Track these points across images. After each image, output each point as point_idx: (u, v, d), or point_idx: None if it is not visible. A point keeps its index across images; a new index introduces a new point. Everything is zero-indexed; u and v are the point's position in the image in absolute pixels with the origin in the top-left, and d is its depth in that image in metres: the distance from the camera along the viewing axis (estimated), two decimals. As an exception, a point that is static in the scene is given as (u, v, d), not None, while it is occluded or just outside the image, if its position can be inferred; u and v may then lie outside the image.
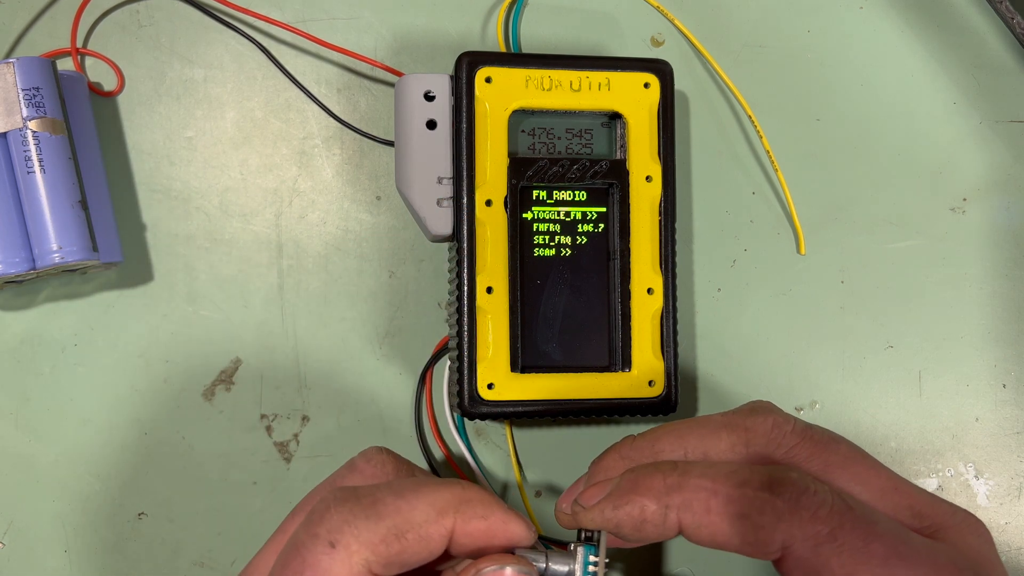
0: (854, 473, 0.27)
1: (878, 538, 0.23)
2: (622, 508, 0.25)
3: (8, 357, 0.34)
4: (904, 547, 0.24)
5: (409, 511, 0.24)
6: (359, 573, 0.23)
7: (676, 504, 0.25)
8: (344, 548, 0.23)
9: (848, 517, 0.24)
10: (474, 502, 0.24)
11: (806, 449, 0.27)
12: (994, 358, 0.38)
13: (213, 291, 0.34)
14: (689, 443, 0.27)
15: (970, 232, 0.38)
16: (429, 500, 0.24)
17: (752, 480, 0.24)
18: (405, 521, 0.23)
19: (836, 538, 0.23)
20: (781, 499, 0.24)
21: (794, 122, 0.38)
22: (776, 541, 0.24)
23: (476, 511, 0.24)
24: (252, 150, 0.35)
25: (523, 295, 0.33)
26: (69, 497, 0.34)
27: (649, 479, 0.25)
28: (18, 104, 0.31)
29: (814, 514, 0.24)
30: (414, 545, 0.23)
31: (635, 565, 0.36)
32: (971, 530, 0.26)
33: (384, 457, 0.29)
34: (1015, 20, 0.38)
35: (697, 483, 0.25)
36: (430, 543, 0.24)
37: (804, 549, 0.24)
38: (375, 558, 0.23)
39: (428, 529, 0.24)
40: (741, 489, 0.24)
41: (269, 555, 0.27)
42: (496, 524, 0.25)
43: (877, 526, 0.24)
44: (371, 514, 0.23)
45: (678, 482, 0.25)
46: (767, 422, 0.27)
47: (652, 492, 0.25)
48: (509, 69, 0.33)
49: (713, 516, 0.24)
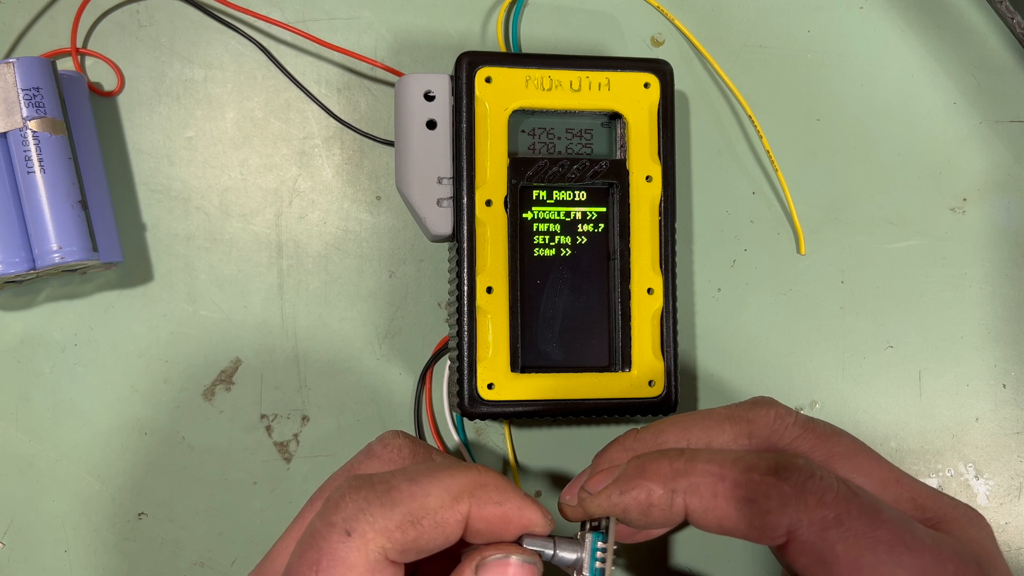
0: (856, 465, 0.27)
1: (884, 525, 0.23)
2: (629, 493, 0.25)
3: (8, 357, 0.34)
4: (909, 535, 0.24)
5: (424, 497, 0.24)
6: (375, 560, 0.23)
7: (683, 488, 0.25)
8: (360, 536, 0.23)
9: (854, 503, 0.24)
10: (489, 487, 0.24)
11: (808, 441, 0.27)
12: (994, 358, 0.38)
13: (213, 291, 0.34)
14: (693, 435, 0.28)
15: (970, 232, 0.38)
16: (444, 485, 0.24)
17: (759, 465, 0.24)
18: (420, 507, 0.23)
19: (842, 523, 0.23)
20: (788, 484, 0.24)
21: (794, 122, 0.38)
22: (782, 526, 0.24)
23: (491, 496, 0.24)
24: (252, 150, 0.35)
25: (523, 295, 0.33)
26: (69, 497, 0.34)
27: (656, 464, 0.25)
28: (18, 104, 0.31)
29: (820, 499, 0.24)
30: (430, 531, 0.23)
31: (639, 562, 0.36)
32: (973, 523, 0.26)
33: (401, 441, 0.29)
34: (1015, 20, 0.38)
35: (704, 468, 0.25)
36: (446, 528, 0.24)
37: (810, 534, 0.24)
38: (391, 545, 0.23)
39: (443, 514, 0.24)
40: (748, 474, 0.24)
41: (288, 544, 0.27)
42: (512, 510, 0.25)
43: (883, 513, 0.24)
44: (386, 501, 0.23)
45: (685, 467, 0.25)
46: (769, 414, 0.27)
47: (659, 476, 0.25)
48: (509, 69, 0.33)
49: (720, 500, 0.24)
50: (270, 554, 0.27)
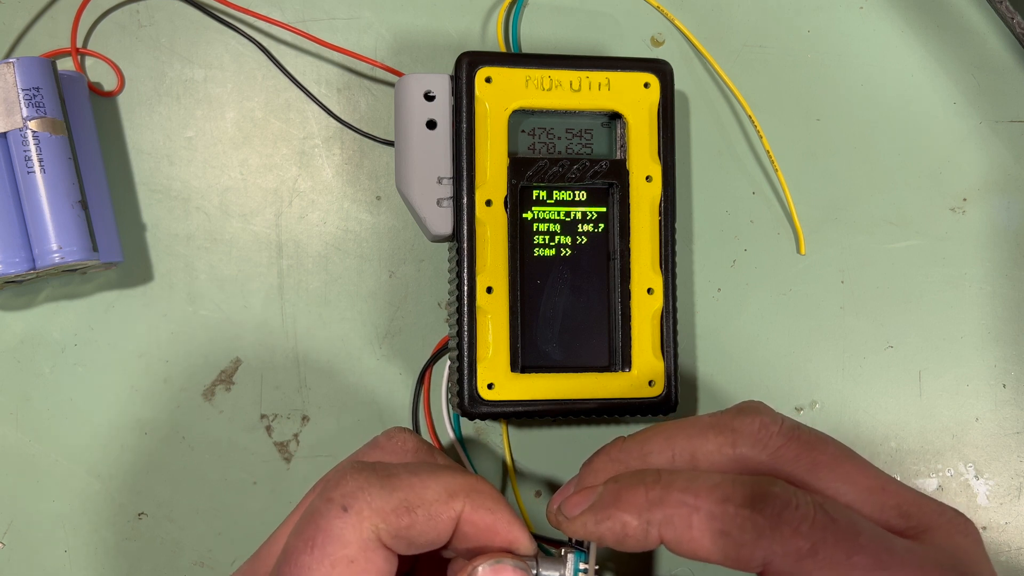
0: (841, 473, 0.27)
1: (861, 550, 0.23)
2: (603, 524, 0.25)
3: (8, 357, 0.34)
4: (887, 556, 0.24)
5: (422, 488, 0.24)
6: (369, 539, 0.23)
7: (657, 520, 0.25)
8: (356, 513, 0.23)
9: (830, 531, 0.24)
10: (485, 494, 0.25)
11: (792, 450, 0.27)
12: (994, 358, 0.38)
13: (213, 291, 0.34)
14: (677, 445, 0.27)
15: (970, 232, 0.38)
16: (442, 482, 0.25)
17: (734, 496, 0.24)
18: (417, 496, 0.24)
19: (817, 553, 0.23)
20: (763, 515, 0.24)
21: (794, 122, 0.38)
22: (757, 558, 0.24)
23: (486, 503, 0.25)
24: (252, 150, 0.35)
25: (523, 295, 0.33)
26: (69, 497, 0.34)
27: (631, 492, 0.25)
28: (18, 104, 0.31)
29: (795, 529, 0.24)
30: (423, 522, 0.24)
31: (630, 566, 0.36)
32: (958, 530, 0.26)
33: (406, 436, 0.30)
34: (1015, 20, 0.38)
35: (679, 498, 0.25)
36: (438, 524, 0.24)
37: (785, 565, 0.24)
38: (385, 527, 0.23)
39: (438, 508, 0.24)
40: (723, 505, 0.24)
41: (287, 529, 0.27)
42: (501, 522, 0.25)
43: (860, 537, 0.24)
44: (385, 484, 0.24)
45: (660, 496, 0.25)
46: (754, 423, 0.27)
47: (634, 507, 0.25)
48: (509, 69, 0.33)
49: (695, 532, 0.24)
50: (269, 540, 0.28)
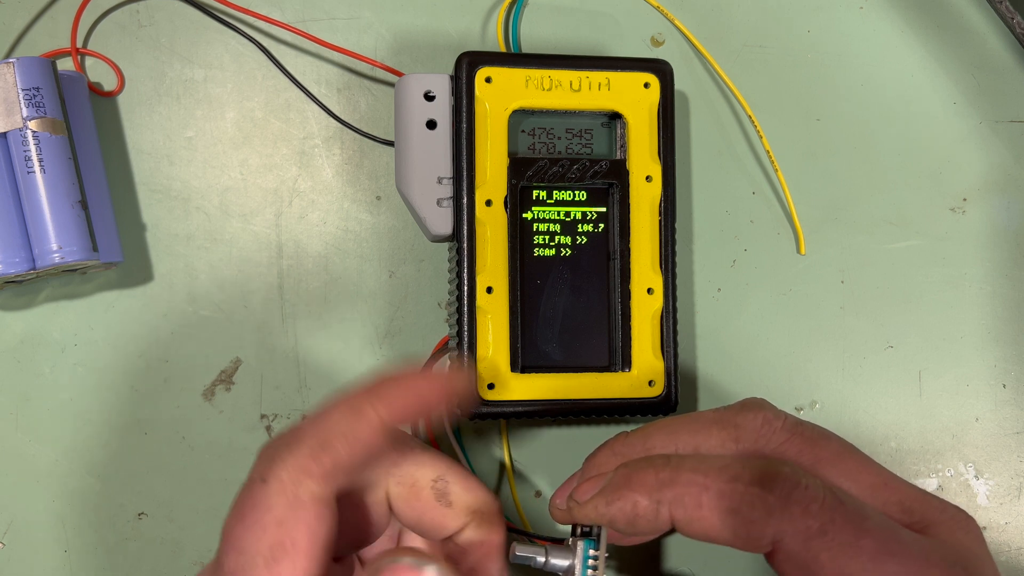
0: (844, 469, 0.27)
1: (868, 533, 0.24)
2: (615, 504, 0.25)
3: (8, 357, 0.34)
4: (894, 543, 0.24)
5: (325, 422, 0.24)
6: (294, 498, 0.23)
7: (668, 499, 0.25)
8: (275, 480, 0.23)
9: (839, 512, 0.24)
10: (386, 380, 0.24)
11: (795, 445, 0.27)
12: (994, 358, 0.38)
13: (213, 291, 0.34)
14: (680, 439, 0.28)
15: (970, 232, 0.38)
16: (344, 403, 0.24)
17: (743, 475, 0.24)
18: (325, 432, 0.24)
19: (826, 533, 0.23)
20: (772, 494, 0.24)
21: (794, 122, 0.38)
22: (767, 536, 0.24)
23: (389, 387, 0.24)
24: (252, 150, 0.35)
25: (523, 295, 0.33)
26: (69, 497, 0.33)
27: (641, 474, 0.25)
28: (18, 104, 0.31)
29: (805, 509, 0.24)
30: (344, 450, 0.23)
31: (634, 564, 0.36)
32: (960, 526, 0.26)
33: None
34: (1015, 20, 0.38)
35: (689, 478, 0.25)
36: (360, 440, 0.24)
37: (794, 543, 0.24)
38: (310, 479, 0.23)
39: (351, 427, 0.24)
40: (732, 484, 0.24)
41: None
42: (419, 385, 0.25)
43: (868, 521, 0.24)
44: (290, 441, 0.24)
45: (670, 477, 0.25)
46: (757, 418, 0.27)
47: (644, 487, 0.25)
48: (509, 69, 0.33)
49: (705, 511, 0.24)
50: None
